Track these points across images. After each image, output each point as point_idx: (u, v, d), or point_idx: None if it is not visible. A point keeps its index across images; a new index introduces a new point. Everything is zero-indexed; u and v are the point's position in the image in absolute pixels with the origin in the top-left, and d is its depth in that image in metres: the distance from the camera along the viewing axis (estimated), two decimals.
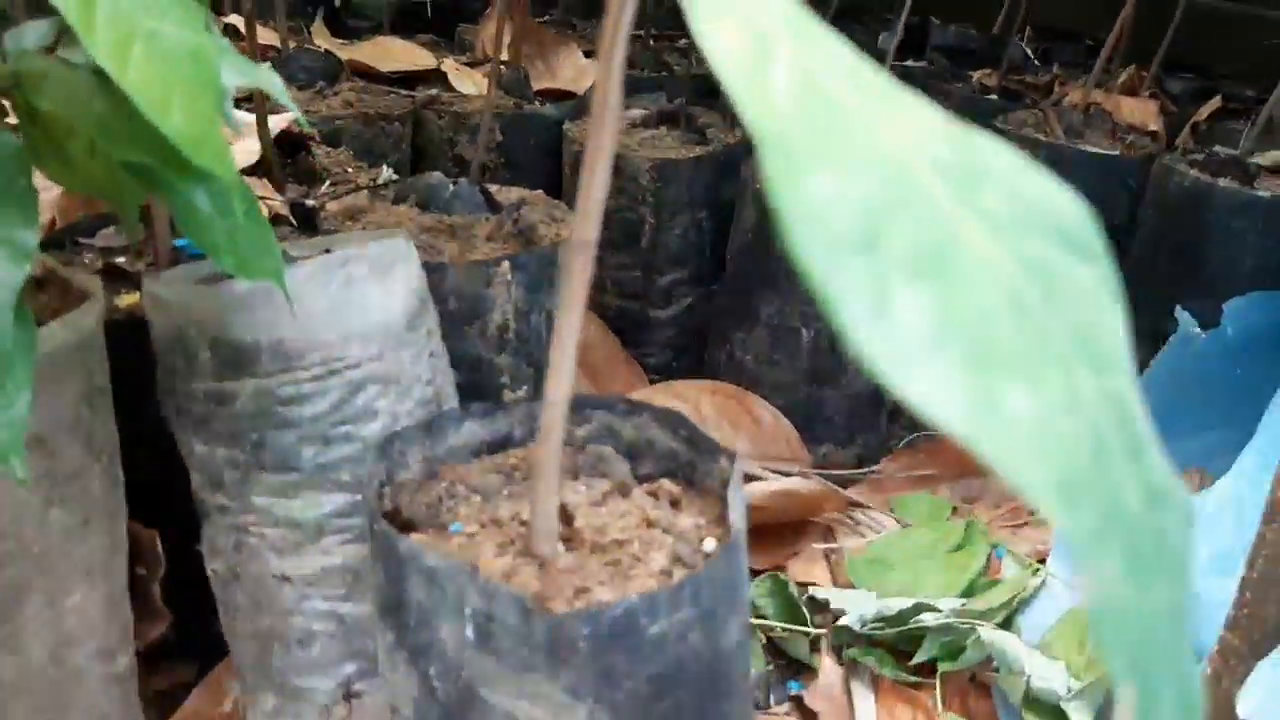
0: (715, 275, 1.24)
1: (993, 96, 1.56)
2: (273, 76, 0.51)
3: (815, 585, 0.96)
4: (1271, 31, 1.89)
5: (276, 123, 1.02)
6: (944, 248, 0.21)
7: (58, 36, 0.56)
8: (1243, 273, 1.14)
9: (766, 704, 0.87)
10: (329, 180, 1.04)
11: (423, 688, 0.53)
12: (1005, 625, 0.88)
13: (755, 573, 0.96)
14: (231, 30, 1.28)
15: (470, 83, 1.32)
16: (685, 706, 0.52)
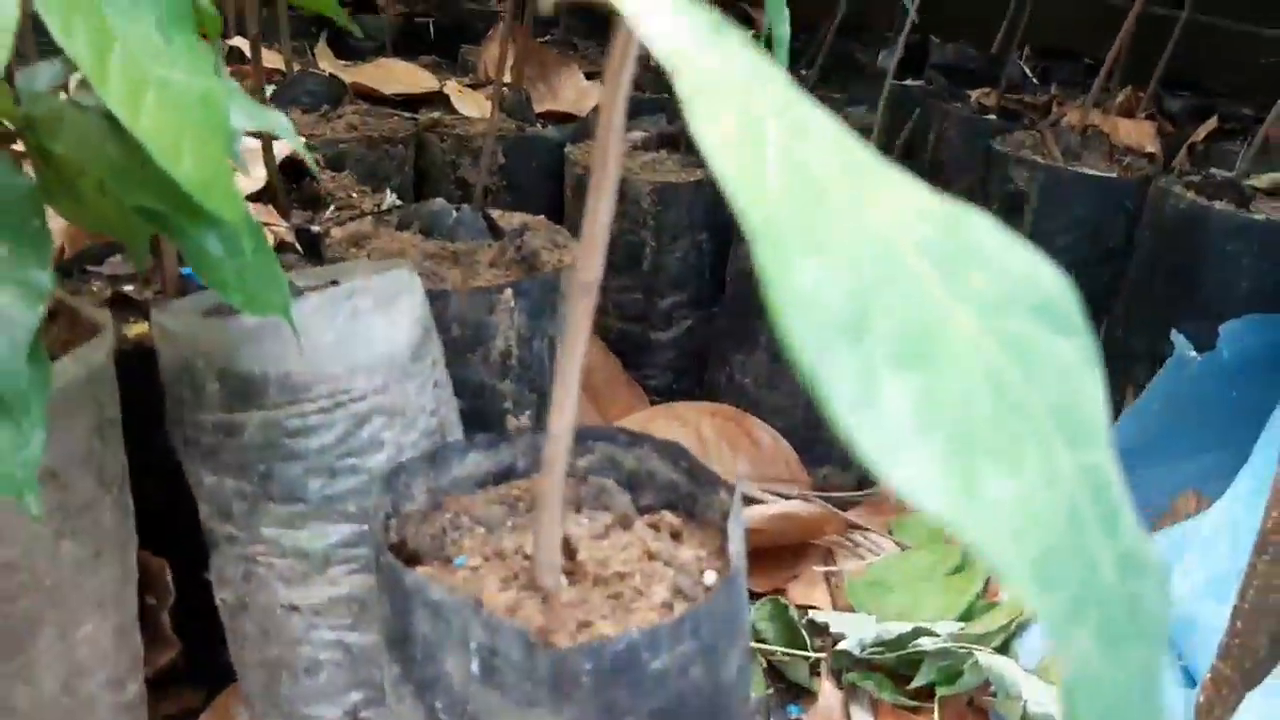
0: (715, 298, 1.25)
1: (991, 116, 1.57)
2: (280, 118, 0.52)
3: (815, 608, 0.97)
4: (1269, 49, 1.90)
5: (281, 149, 1.03)
6: (929, 331, 0.22)
7: (69, 77, 0.58)
8: (1238, 296, 1.15)
9: None
10: (333, 205, 1.05)
11: None
12: (1003, 649, 0.89)
13: (756, 595, 0.97)
14: (236, 54, 1.29)
15: (473, 105, 1.34)
16: None
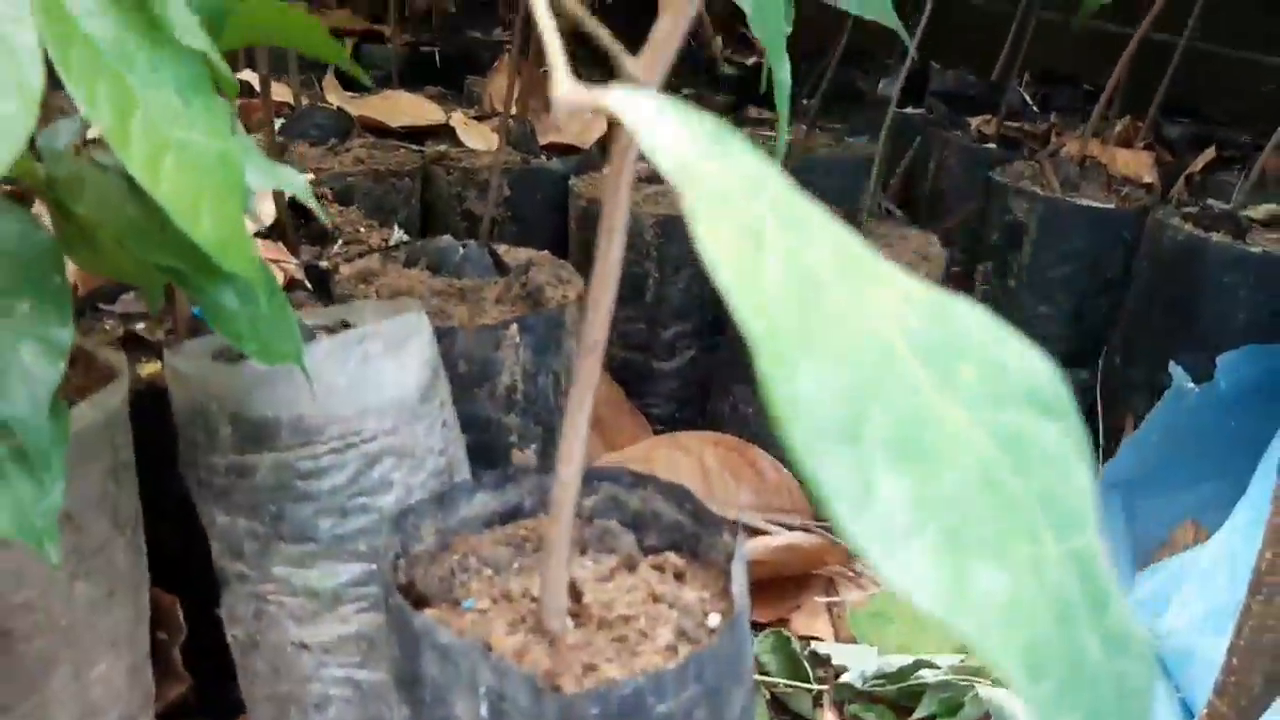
0: (718, 329, 1.26)
1: (991, 145, 1.59)
2: (294, 175, 0.53)
3: (818, 639, 0.98)
4: (1268, 77, 1.91)
5: (288, 169, 1.05)
6: (922, 428, 0.24)
7: (87, 133, 0.59)
8: (1235, 327, 1.16)
9: None
10: (341, 240, 1.06)
11: None
12: (1003, 682, 0.90)
13: (758, 626, 0.98)
14: (246, 88, 1.31)
15: (478, 137, 1.35)
16: None
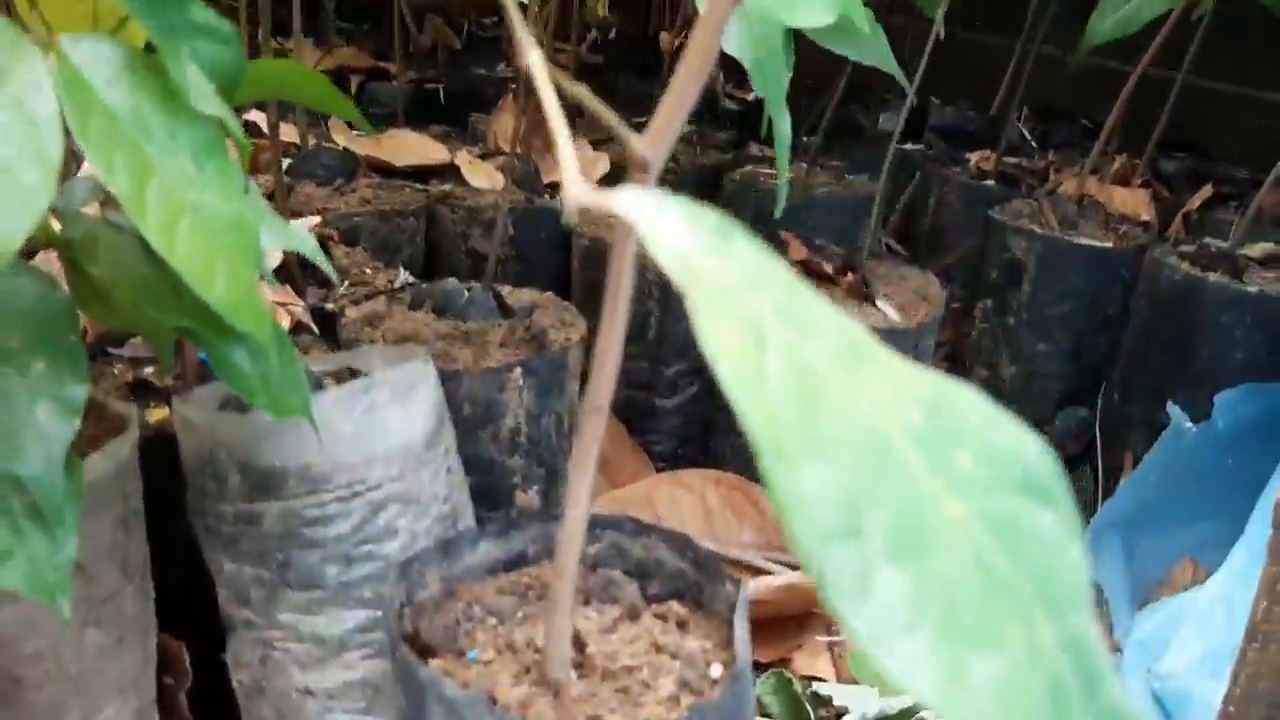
0: None
1: (990, 182, 1.60)
2: (306, 237, 0.54)
3: (819, 679, 0.99)
4: (1266, 112, 1.93)
5: (299, 227, 1.06)
6: (919, 521, 0.24)
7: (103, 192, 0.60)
8: (1233, 366, 1.17)
9: None
10: (347, 281, 1.07)
11: None
12: None
13: (760, 666, 0.98)
14: (254, 128, 1.32)
15: (483, 176, 1.37)
16: None
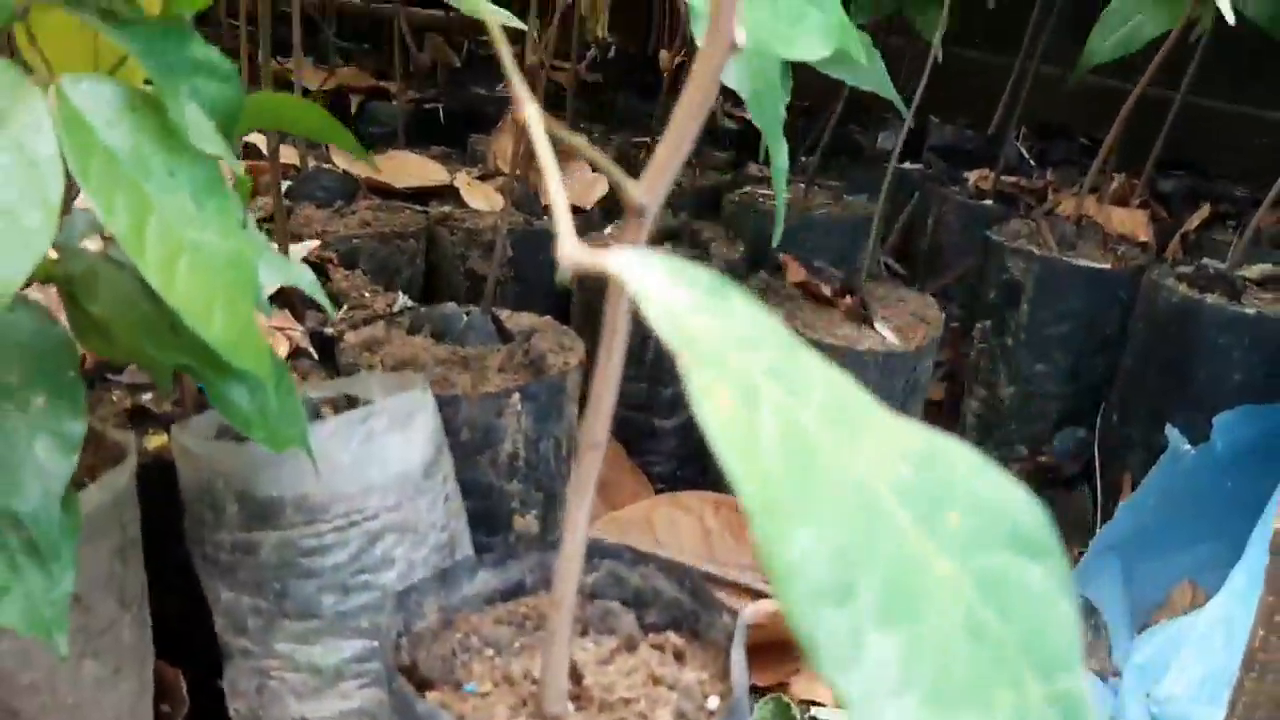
0: None
1: (988, 202, 1.60)
2: (305, 272, 0.55)
3: (818, 704, 0.99)
4: (1263, 131, 1.94)
5: (298, 252, 1.06)
6: (910, 583, 0.25)
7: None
8: (1231, 387, 1.17)
9: None
10: (346, 304, 1.08)
11: None
12: None
13: (758, 691, 0.98)
14: (253, 150, 1.33)
15: (482, 198, 1.37)
16: None
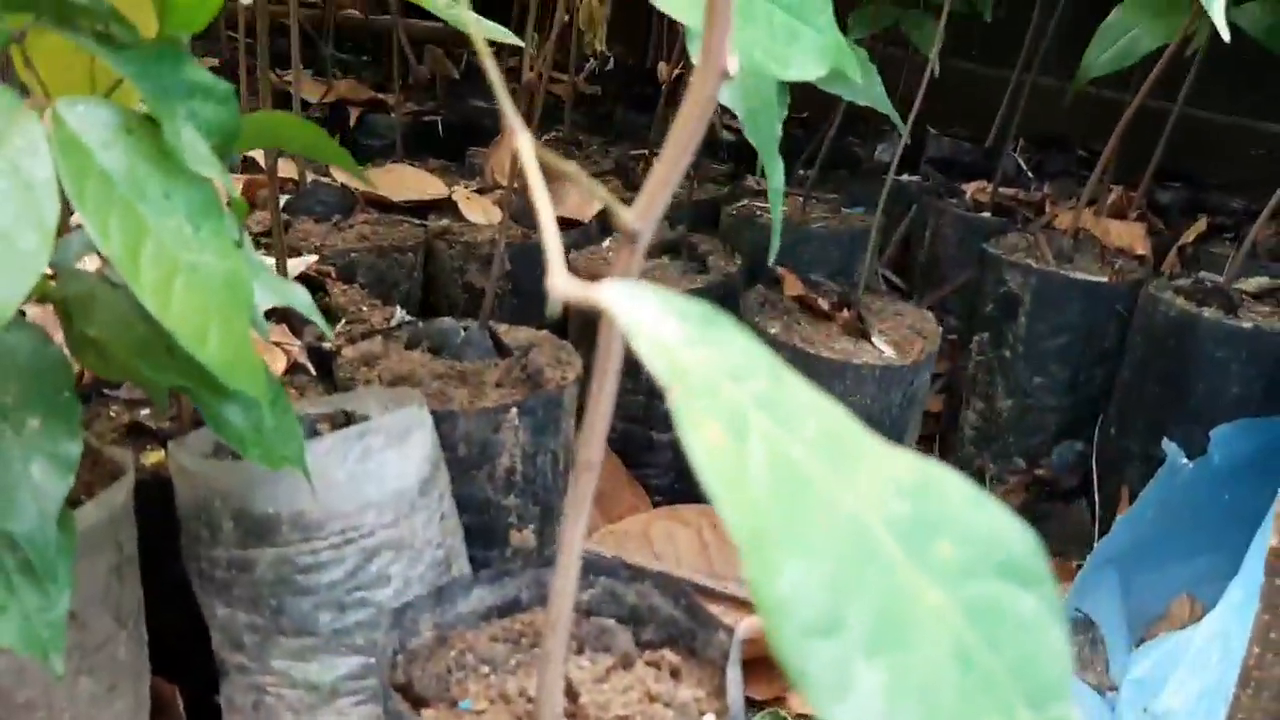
0: None
1: (986, 214, 1.60)
2: (300, 292, 0.55)
3: (814, 719, 0.98)
4: (1259, 142, 1.94)
5: (296, 265, 1.07)
6: (900, 614, 0.25)
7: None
8: (1228, 401, 1.17)
9: None
10: (344, 319, 1.08)
11: None
12: None
13: (755, 704, 0.98)
14: (252, 164, 1.33)
15: (480, 211, 1.37)
16: None
